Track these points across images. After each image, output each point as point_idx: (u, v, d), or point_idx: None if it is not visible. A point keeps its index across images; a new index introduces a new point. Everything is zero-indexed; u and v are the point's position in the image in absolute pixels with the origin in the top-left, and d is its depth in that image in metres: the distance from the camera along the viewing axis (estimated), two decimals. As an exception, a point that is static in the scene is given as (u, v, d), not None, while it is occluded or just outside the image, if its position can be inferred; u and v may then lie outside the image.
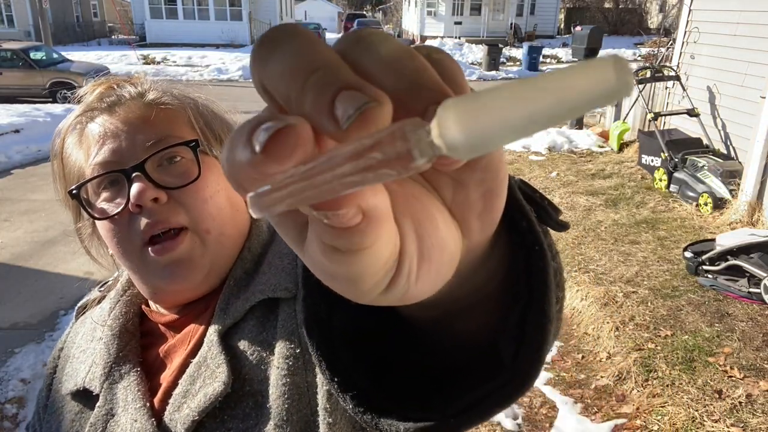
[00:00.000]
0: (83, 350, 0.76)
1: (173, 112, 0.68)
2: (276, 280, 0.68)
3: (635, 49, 23.91)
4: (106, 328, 0.74)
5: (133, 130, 0.66)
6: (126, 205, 0.65)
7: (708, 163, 5.63)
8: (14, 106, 11.20)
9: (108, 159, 0.65)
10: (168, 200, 0.65)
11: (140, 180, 0.64)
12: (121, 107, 0.67)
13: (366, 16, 41.85)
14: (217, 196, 0.68)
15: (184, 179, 0.66)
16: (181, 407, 0.63)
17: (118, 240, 0.67)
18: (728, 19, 6.04)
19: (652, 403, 3.02)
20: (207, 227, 0.67)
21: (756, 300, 3.80)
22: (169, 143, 0.66)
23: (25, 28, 25.73)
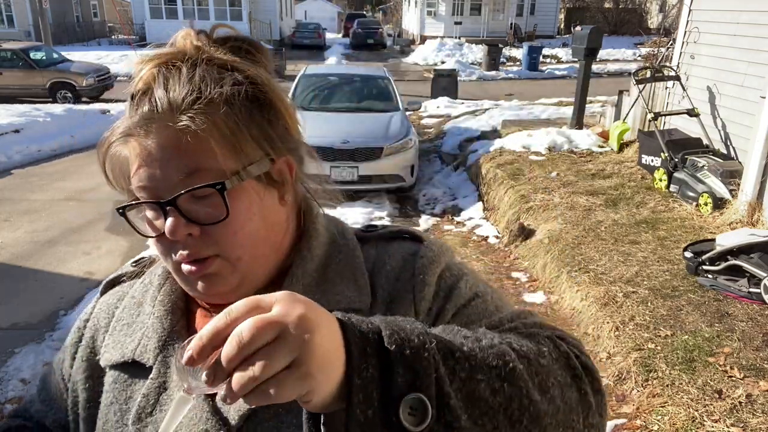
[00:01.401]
0: (127, 324, 0.78)
1: (209, 133, 0.65)
2: (350, 292, 0.72)
3: (635, 49, 23.90)
4: (158, 303, 0.76)
5: (167, 158, 0.65)
6: (164, 233, 0.67)
7: (708, 163, 5.63)
8: (14, 106, 11.20)
9: (146, 185, 0.67)
10: (200, 233, 0.67)
11: (174, 215, 0.66)
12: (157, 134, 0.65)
13: (366, 16, 41.82)
14: (248, 224, 0.69)
15: (214, 215, 0.66)
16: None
17: (160, 252, 0.71)
18: (728, 19, 6.04)
19: (652, 403, 3.02)
20: (238, 255, 0.69)
21: (756, 300, 3.80)
22: (201, 177, 0.65)
23: (25, 28, 25.73)
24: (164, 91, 0.66)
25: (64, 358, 0.85)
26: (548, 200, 5.98)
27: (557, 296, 4.42)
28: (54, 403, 0.85)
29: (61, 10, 27.56)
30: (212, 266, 0.68)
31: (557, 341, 0.67)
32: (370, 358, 0.49)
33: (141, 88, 0.68)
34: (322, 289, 0.73)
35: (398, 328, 0.52)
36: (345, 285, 0.73)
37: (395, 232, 0.81)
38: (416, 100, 11.58)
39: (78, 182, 7.85)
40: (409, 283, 0.73)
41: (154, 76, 0.67)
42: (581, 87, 8.58)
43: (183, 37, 0.71)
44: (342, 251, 0.77)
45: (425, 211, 6.78)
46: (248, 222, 0.69)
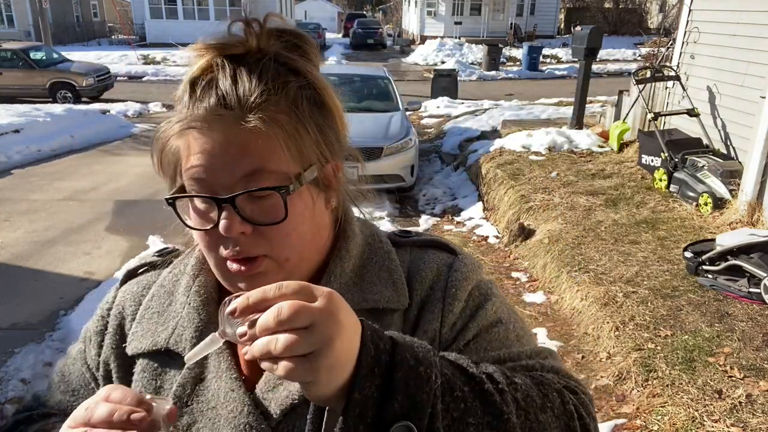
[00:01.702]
0: (157, 312, 0.78)
1: (275, 135, 0.65)
2: (389, 293, 0.74)
3: (635, 49, 23.90)
4: (193, 294, 0.76)
5: (230, 155, 0.64)
6: (214, 227, 0.67)
7: (708, 163, 5.63)
8: (14, 106, 11.20)
9: (202, 177, 0.66)
10: (253, 232, 0.67)
11: (229, 212, 0.65)
12: (224, 131, 0.64)
13: (366, 16, 41.82)
14: (300, 226, 0.69)
15: (271, 216, 0.66)
16: (277, 388, 0.68)
17: (204, 245, 0.71)
18: (728, 19, 6.04)
19: (652, 403, 3.02)
20: (286, 257, 0.69)
21: (756, 300, 3.79)
22: (263, 178, 0.65)
23: (25, 28, 25.73)
24: (232, 85, 0.65)
25: (86, 348, 0.84)
26: (548, 200, 5.98)
27: (557, 296, 4.42)
28: (80, 393, 0.84)
29: (61, 10, 27.57)
30: (261, 266, 0.68)
31: (566, 396, 0.68)
32: (375, 378, 0.53)
33: (202, 76, 0.66)
34: (360, 287, 0.75)
35: (411, 354, 0.56)
36: (383, 285, 0.75)
37: (429, 241, 0.82)
38: (416, 100, 11.58)
39: (78, 182, 7.85)
40: (440, 293, 0.75)
41: (219, 66, 0.66)
42: (581, 87, 8.58)
43: (243, 29, 0.69)
44: (378, 253, 0.79)
45: (425, 211, 6.78)
46: (300, 225, 0.69)
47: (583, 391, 0.73)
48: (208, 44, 0.67)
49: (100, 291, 4.66)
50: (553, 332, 3.96)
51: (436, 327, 0.73)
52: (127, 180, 7.97)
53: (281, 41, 0.69)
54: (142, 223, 6.25)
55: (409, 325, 0.74)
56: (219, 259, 0.69)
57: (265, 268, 0.68)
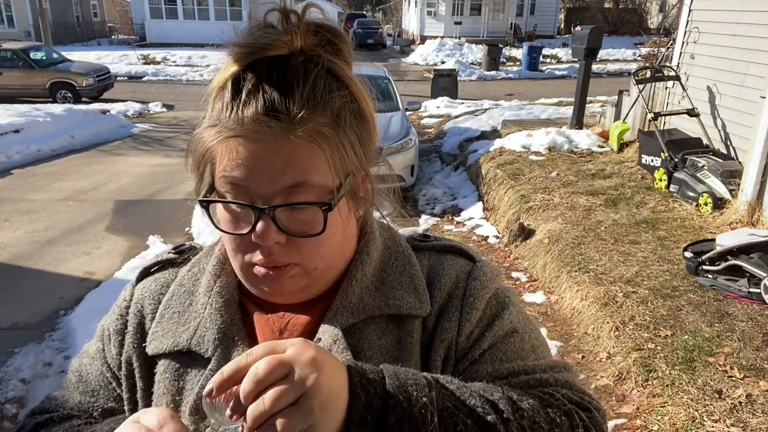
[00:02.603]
0: (178, 312, 0.76)
1: (318, 148, 0.65)
2: (411, 299, 0.74)
3: (635, 49, 23.90)
4: (215, 294, 0.75)
5: (274, 166, 0.64)
6: (248, 233, 0.66)
7: (708, 163, 5.63)
8: (14, 106, 11.20)
9: (242, 183, 0.65)
10: (286, 241, 0.67)
11: (266, 222, 0.65)
12: (269, 141, 0.63)
13: (366, 16, 41.81)
14: (332, 239, 0.69)
15: (308, 229, 0.66)
16: None
17: (233, 248, 0.70)
18: (728, 19, 6.04)
19: (652, 403, 3.02)
20: (315, 266, 0.70)
21: (756, 300, 3.79)
22: (304, 192, 0.64)
23: (25, 28, 25.73)
24: (281, 95, 0.63)
25: (105, 347, 0.82)
26: (548, 200, 5.98)
27: (557, 296, 4.42)
28: (99, 393, 0.82)
29: (61, 10, 27.56)
30: (288, 273, 0.68)
31: (576, 418, 0.68)
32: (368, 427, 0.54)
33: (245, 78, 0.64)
34: (382, 292, 0.74)
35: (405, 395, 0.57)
36: (405, 290, 0.75)
37: (449, 247, 0.82)
38: (416, 100, 11.57)
39: (78, 182, 7.85)
40: (459, 302, 0.75)
41: (265, 70, 0.64)
42: (581, 87, 8.57)
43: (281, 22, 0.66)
44: (398, 257, 0.79)
45: (425, 211, 6.78)
46: (332, 236, 0.69)
47: (596, 407, 0.73)
48: (250, 43, 0.65)
49: (100, 291, 4.66)
50: (553, 332, 3.96)
51: (453, 336, 0.73)
52: (127, 180, 7.97)
53: (318, 37, 0.67)
54: (142, 223, 6.25)
55: (428, 333, 0.74)
56: (246, 264, 0.69)
57: (293, 274, 0.69)
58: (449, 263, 0.79)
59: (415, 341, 0.72)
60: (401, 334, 0.73)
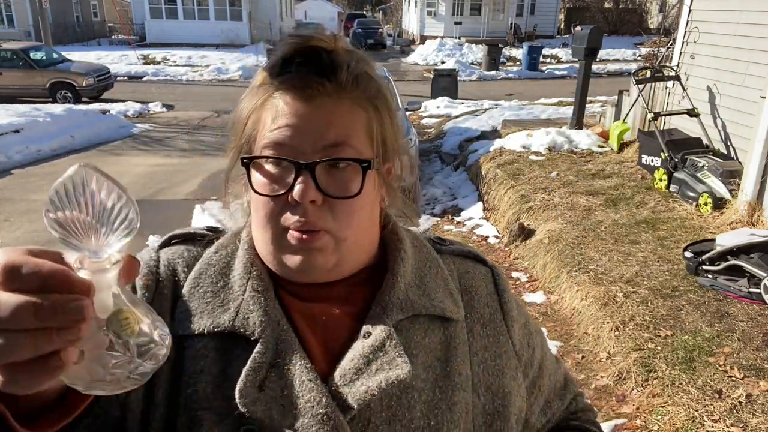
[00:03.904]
0: (212, 292, 0.73)
1: (359, 117, 0.71)
2: (449, 302, 0.77)
3: (635, 49, 23.90)
4: (254, 277, 0.74)
5: (320, 124, 0.69)
6: (286, 192, 0.68)
7: (708, 163, 5.63)
8: (14, 106, 11.20)
9: (286, 142, 0.68)
10: (322, 203, 0.68)
11: (307, 178, 0.67)
12: (316, 99, 0.69)
13: (366, 16, 41.81)
14: (363, 210, 0.72)
15: (344, 190, 0.69)
16: (354, 382, 0.68)
17: (266, 214, 0.71)
18: (728, 19, 6.04)
19: (652, 403, 3.02)
20: (345, 236, 0.71)
21: (756, 300, 3.79)
22: (345, 151, 0.69)
23: (25, 28, 25.72)
24: (331, 64, 0.70)
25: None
26: (548, 200, 5.98)
27: (557, 296, 4.42)
28: None
29: (61, 10, 27.56)
30: (320, 240, 0.69)
31: None
32: None
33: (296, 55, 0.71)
34: (423, 291, 0.77)
35: None
36: (442, 293, 0.78)
37: (468, 252, 0.87)
38: (416, 100, 11.57)
39: (78, 182, 7.85)
40: (499, 314, 0.82)
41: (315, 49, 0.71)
42: (581, 87, 8.58)
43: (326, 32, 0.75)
44: (428, 258, 0.81)
45: (425, 211, 6.78)
46: (364, 207, 0.73)
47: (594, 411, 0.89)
48: (299, 34, 0.74)
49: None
50: (553, 332, 3.96)
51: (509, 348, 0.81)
52: (127, 180, 7.96)
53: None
54: (142, 223, 6.21)
55: (474, 338, 0.78)
56: (278, 231, 0.70)
57: (323, 244, 0.69)
58: (476, 271, 0.84)
59: (461, 344, 0.76)
60: (446, 336, 0.75)
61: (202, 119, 12.17)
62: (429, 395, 0.70)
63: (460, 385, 0.73)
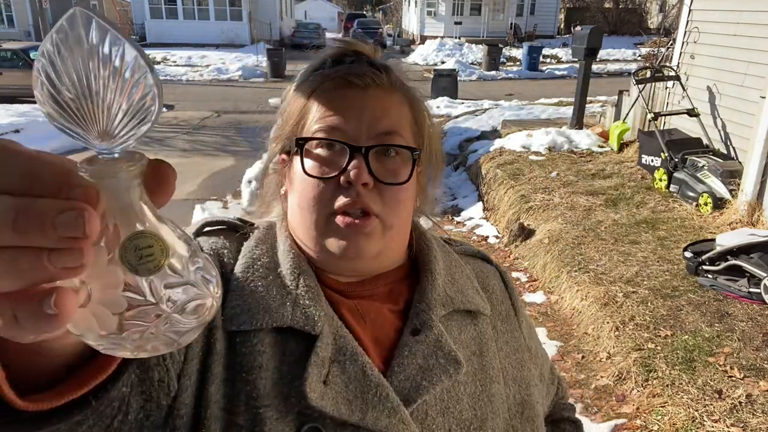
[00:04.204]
0: (262, 286, 0.71)
1: (406, 113, 0.76)
2: (478, 299, 0.82)
3: (635, 49, 23.91)
4: (304, 274, 0.73)
5: (374, 112, 0.72)
6: (338, 174, 0.70)
7: (708, 163, 5.63)
8: (14, 106, 11.20)
9: (340, 126, 0.71)
10: (373, 188, 0.71)
11: (360, 162, 0.69)
12: (371, 89, 0.73)
13: (366, 16, 41.82)
14: (409, 200, 0.76)
15: (395, 177, 0.72)
16: (415, 377, 0.70)
17: (314, 196, 0.71)
18: (728, 19, 6.04)
19: (652, 403, 3.02)
20: (392, 223, 0.73)
21: (756, 300, 3.79)
22: (397, 140, 0.73)
23: (25, 28, 25.73)
24: (382, 64, 0.76)
25: None
26: (548, 200, 5.98)
27: (557, 296, 4.42)
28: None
29: (61, 10, 27.24)
30: (369, 226, 0.71)
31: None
32: None
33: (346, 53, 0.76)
34: (457, 288, 0.80)
35: None
36: (471, 290, 0.82)
37: (476, 252, 0.92)
38: (416, 100, 11.55)
39: (78, 182, 7.84)
40: (511, 310, 0.88)
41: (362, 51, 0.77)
42: (581, 87, 8.57)
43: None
44: (451, 257, 0.85)
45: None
46: (410, 198, 0.76)
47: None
48: (344, 39, 0.79)
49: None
50: (553, 332, 3.96)
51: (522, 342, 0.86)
52: (127, 180, 7.95)
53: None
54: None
55: (498, 333, 0.82)
56: (325, 214, 0.71)
57: (372, 229, 0.71)
58: (487, 270, 0.89)
59: (489, 339, 0.80)
60: (477, 331, 0.79)
61: (202, 119, 12.17)
62: (472, 388, 0.74)
63: (494, 377, 0.77)
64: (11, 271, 0.28)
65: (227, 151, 9.57)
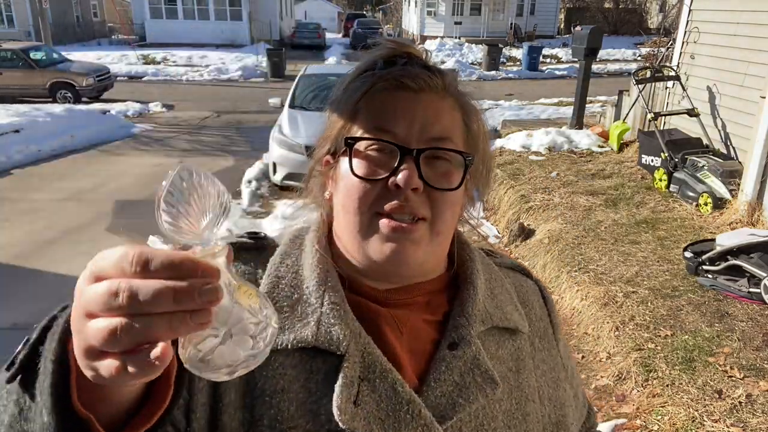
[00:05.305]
0: (288, 305, 0.70)
1: (458, 119, 0.73)
2: (517, 315, 0.79)
3: (635, 49, 23.90)
4: (329, 289, 0.71)
5: (428, 116, 0.70)
6: (388, 176, 0.68)
7: (708, 163, 5.63)
8: (14, 106, 11.20)
9: (391, 129, 0.69)
10: (422, 192, 0.69)
11: (411, 165, 0.67)
12: (425, 92, 0.71)
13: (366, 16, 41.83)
14: (456, 207, 0.73)
15: (445, 182, 0.70)
16: (451, 394, 0.69)
17: (360, 197, 0.69)
18: (728, 19, 6.04)
19: (652, 403, 3.02)
20: (439, 229, 0.71)
21: (756, 300, 3.79)
22: (448, 146, 0.71)
23: (25, 28, 25.71)
24: (436, 68, 0.74)
25: None
26: (548, 200, 5.98)
27: (557, 296, 4.42)
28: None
29: (61, 10, 27.55)
30: (418, 231, 0.69)
31: None
32: None
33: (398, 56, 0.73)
34: (496, 303, 0.78)
35: None
36: (510, 306, 0.79)
37: (517, 265, 0.90)
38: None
39: (77, 182, 7.85)
40: (549, 328, 0.85)
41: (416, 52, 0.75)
42: (581, 87, 8.58)
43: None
44: (492, 270, 0.82)
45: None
46: (457, 204, 0.74)
47: None
48: (396, 40, 0.77)
49: (100, 291, 4.66)
50: (553, 332, 3.96)
51: (559, 361, 0.84)
52: (127, 180, 7.96)
53: None
54: (142, 223, 6.24)
55: (535, 350, 0.80)
56: (369, 216, 0.69)
57: (420, 236, 0.69)
58: (527, 285, 0.87)
59: (527, 356, 0.78)
60: (515, 347, 0.77)
61: (202, 119, 12.17)
62: (507, 405, 0.72)
63: (530, 396, 0.75)
64: (166, 329, 0.40)
65: (227, 151, 9.57)
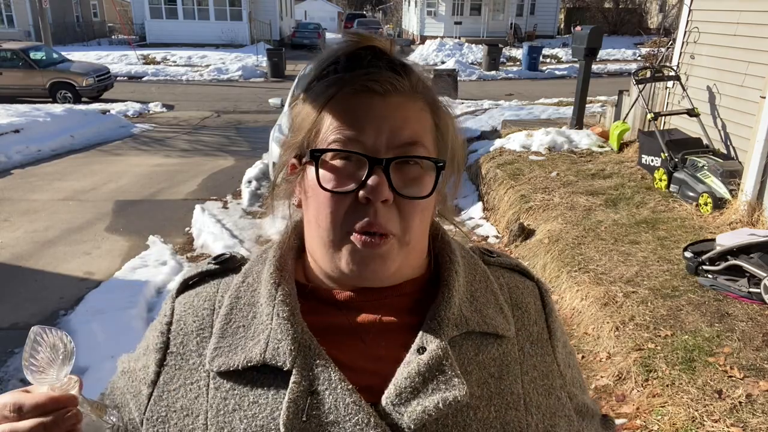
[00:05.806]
0: (243, 326, 0.71)
1: (428, 119, 0.70)
2: (500, 319, 0.74)
3: (635, 49, 23.91)
4: (279, 303, 0.70)
5: (393, 123, 0.67)
6: (356, 189, 0.66)
7: (708, 163, 5.63)
8: (14, 106, 11.21)
9: (358, 138, 0.66)
10: (392, 203, 0.66)
11: (380, 175, 0.65)
12: (392, 96, 0.67)
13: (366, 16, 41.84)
14: (427, 212, 0.71)
15: (416, 188, 0.68)
16: (410, 402, 0.65)
17: (331, 212, 0.67)
18: (728, 19, 6.04)
19: (652, 403, 3.02)
20: (409, 239, 0.69)
21: (756, 300, 3.79)
22: (419, 151, 0.67)
23: (25, 28, 25.73)
24: (402, 65, 0.69)
25: (145, 364, 0.77)
26: (548, 200, 5.98)
27: (557, 296, 4.42)
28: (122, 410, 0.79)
29: (61, 10, 27.56)
30: (386, 245, 0.67)
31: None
32: None
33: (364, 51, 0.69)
34: (475, 307, 0.74)
35: None
36: (493, 310, 0.75)
37: (516, 266, 0.85)
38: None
39: (78, 182, 7.85)
40: (546, 333, 0.79)
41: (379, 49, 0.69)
42: (581, 87, 8.58)
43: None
44: (477, 271, 0.78)
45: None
46: (428, 210, 0.71)
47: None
48: (358, 32, 0.71)
49: (100, 291, 4.66)
50: (553, 332, 3.96)
51: (555, 368, 0.78)
52: (127, 180, 7.97)
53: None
54: (142, 223, 6.25)
55: (524, 356, 0.75)
56: (341, 232, 0.67)
57: (388, 249, 0.67)
58: (524, 285, 0.81)
59: (513, 361, 0.73)
60: (498, 352, 0.73)
61: (202, 119, 12.17)
62: (484, 413, 0.68)
63: (512, 403, 0.71)
64: None
65: (227, 151, 9.57)
